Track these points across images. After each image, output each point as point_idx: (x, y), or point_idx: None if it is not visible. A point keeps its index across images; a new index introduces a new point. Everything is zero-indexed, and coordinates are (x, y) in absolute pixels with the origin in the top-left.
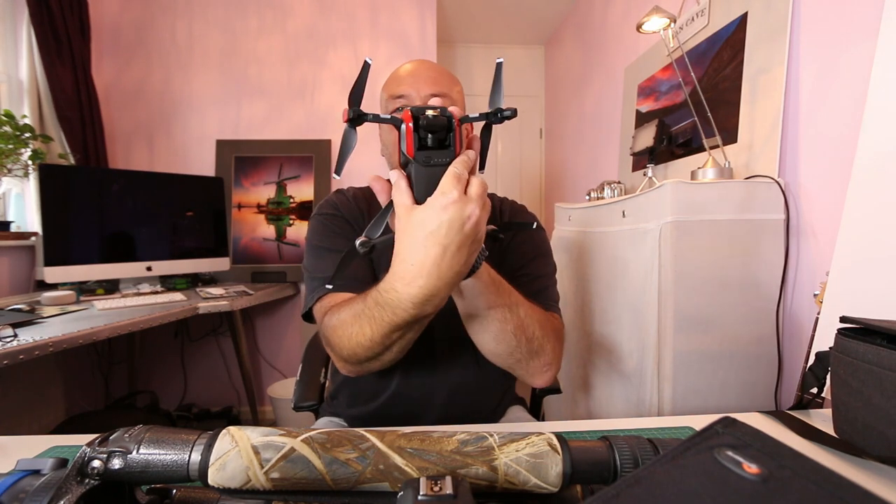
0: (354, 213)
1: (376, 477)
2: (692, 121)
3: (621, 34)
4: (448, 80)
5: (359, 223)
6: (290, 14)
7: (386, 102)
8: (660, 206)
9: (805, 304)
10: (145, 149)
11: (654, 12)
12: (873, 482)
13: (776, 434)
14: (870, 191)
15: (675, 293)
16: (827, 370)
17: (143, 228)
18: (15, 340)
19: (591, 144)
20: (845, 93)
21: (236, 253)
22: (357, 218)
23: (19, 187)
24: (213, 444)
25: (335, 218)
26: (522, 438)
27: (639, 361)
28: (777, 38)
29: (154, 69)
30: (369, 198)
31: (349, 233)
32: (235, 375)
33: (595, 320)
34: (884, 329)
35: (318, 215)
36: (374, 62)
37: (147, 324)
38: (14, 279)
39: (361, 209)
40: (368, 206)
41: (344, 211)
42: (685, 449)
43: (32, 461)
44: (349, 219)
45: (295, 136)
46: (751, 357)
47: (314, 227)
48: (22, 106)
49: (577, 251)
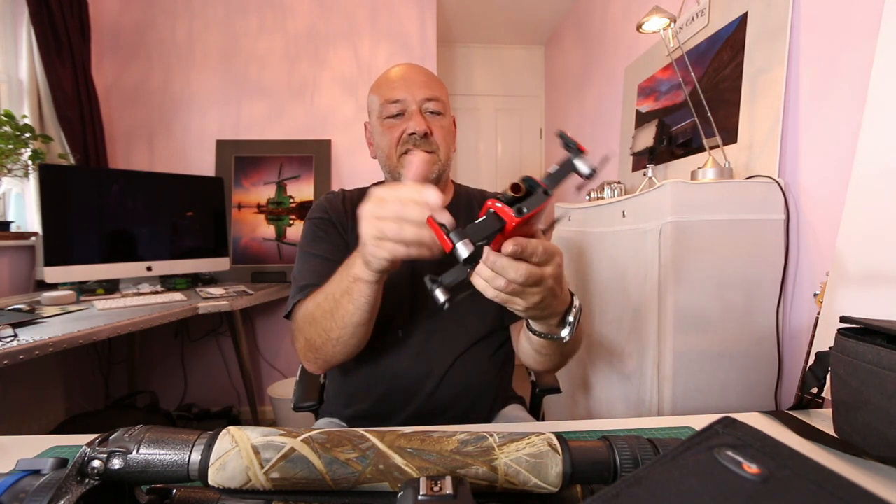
0: (341, 214)
1: (376, 477)
2: (692, 121)
3: (621, 34)
4: (437, 84)
5: (344, 225)
6: (290, 14)
7: (380, 107)
8: (660, 206)
9: (805, 304)
10: (145, 149)
11: (654, 12)
12: (873, 482)
13: (776, 434)
14: (870, 190)
15: (675, 293)
16: (827, 370)
17: (143, 228)
18: (15, 340)
19: (591, 144)
20: (845, 93)
21: (236, 253)
22: (343, 220)
23: (19, 187)
24: (213, 444)
25: (323, 221)
26: (522, 438)
27: (639, 361)
28: (777, 38)
29: (154, 69)
30: (359, 198)
31: (335, 236)
32: (235, 375)
33: (595, 320)
34: (884, 329)
35: (308, 219)
36: (374, 62)
37: (147, 324)
38: (14, 279)
39: (349, 211)
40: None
41: (333, 213)
42: (685, 449)
43: (32, 461)
44: (336, 221)
45: (295, 136)
46: (751, 357)
47: (304, 231)
48: (22, 106)
49: (577, 251)
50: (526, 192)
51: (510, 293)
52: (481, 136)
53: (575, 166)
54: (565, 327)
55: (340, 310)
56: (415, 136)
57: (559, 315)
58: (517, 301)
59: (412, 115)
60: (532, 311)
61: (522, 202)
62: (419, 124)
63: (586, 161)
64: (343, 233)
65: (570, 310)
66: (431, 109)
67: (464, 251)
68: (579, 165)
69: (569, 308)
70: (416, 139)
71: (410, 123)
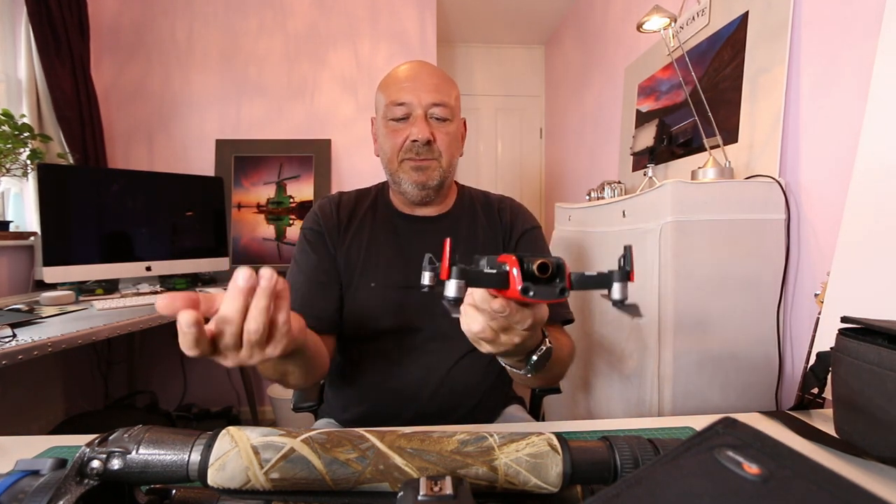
0: (332, 225)
1: (376, 477)
2: (692, 120)
3: (621, 34)
4: (447, 86)
5: (333, 237)
6: (290, 14)
7: (385, 108)
8: (660, 206)
9: (806, 304)
10: (145, 148)
11: (654, 12)
12: (874, 482)
13: (777, 434)
14: (871, 190)
15: (675, 293)
16: (828, 370)
17: (142, 228)
18: (14, 340)
19: (591, 144)
20: (846, 92)
21: (236, 253)
22: (333, 231)
23: (18, 187)
24: (213, 444)
25: (313, 233)
26: (522, 438)
27: (639, 362)
28: (778, 38)
29: (154, 69)
30: (356, 202)
31: (322, 250)
32: (235, 375)
33: (595, 320)
34: (885, 329)
35: (301, 229)
36: (374, 62)
37: (147, 324)
38: (13, 279)
39: (341, 220)
40: (350, 215)
41: (324, 224)
42: (685, 449)
43: (32, 461)
44: (327, 233)
45: (295, 135)
46: (751, 357)
47: (297, 241)
48: (20, 105)
49: (577, 251)
50: (549, 277)
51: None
52: (481, 136)
53: (611, 288)
54: (528, 365)
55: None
56: (417, 143)
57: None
58: (482, 345)
59: (416, 121)
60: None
61: (538, 284)
62: (422, 132)
63: (623, 290)
64: (332, 245)
65: (535, 350)
66: (437, 115)
67: (451, 291)
68: (614, 290)
69: (535, 348)
70: (418, 147)
71: (413, 130)
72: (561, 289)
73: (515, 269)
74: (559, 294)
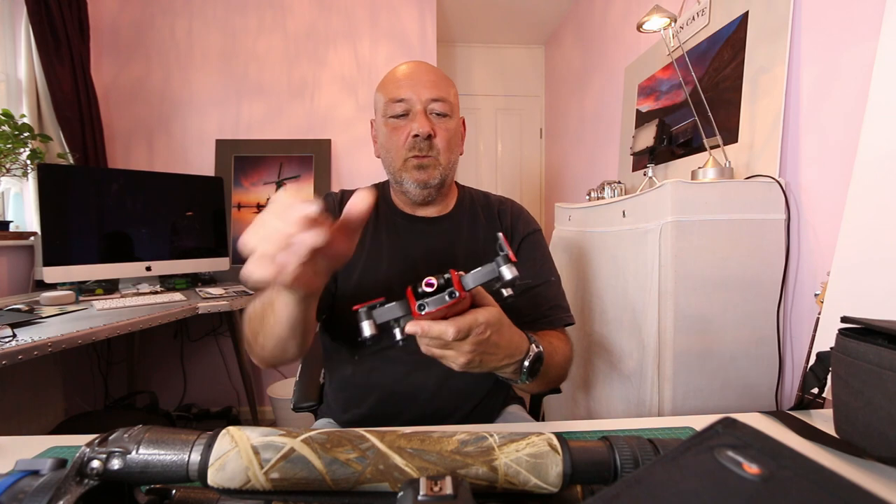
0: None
1: (376, 477)
2: (692, 120)
3: (621, 34)
4: (445, 83)
5: None
6: (289, 14)
7: (385, 106)
8: (660, 205)
9: (806, 304)
10: (145, 148)
11: (654, 11)
12: (874, 482)
13: (777, 434)
14: (871, 190)
15: (675, 293)
16: (828, 370)
17: (142, 228)
18: (14, 340)
19: (591, 144)
20: (846, 92)
21: (236, 253)
22: None
23: (18, 187)
24: (213, 444)
25: None
26: (522, 438)
27: (639, 361)
28: (778, 38)
29: (153, 68)
30: None
31: None
32: (235, 375)
33: (595, 320)
34: (885, 329)
35: None
36: (374, 62)
37: (146, 324)
38: (13, 279)
39: None
40: None
41: None
42: (685, 449)
43: (31, 461)
44: None
45: (295, 135)
46: (751, 357)
47: None
48: (20, 105)
49: (577, 251)
50: (438, 289)
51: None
52: (481, 136)
53: (500, 272)
54: (522, 373)
55: (266, 318)
56: (418, 137)
57: (509, 367)
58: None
59: (416, 116)
60: (465, 370)
61: (429, 297)
62: (423, 126)
63: (512, 269)
64: None
65: (525, 357)
66: (437, 111)
67: (366, 330)
68: (504, 271)
69: (525, 356)
70: (419, 141)
71: (414, 125)
72: (449, 293)
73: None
74: (447, 299)
